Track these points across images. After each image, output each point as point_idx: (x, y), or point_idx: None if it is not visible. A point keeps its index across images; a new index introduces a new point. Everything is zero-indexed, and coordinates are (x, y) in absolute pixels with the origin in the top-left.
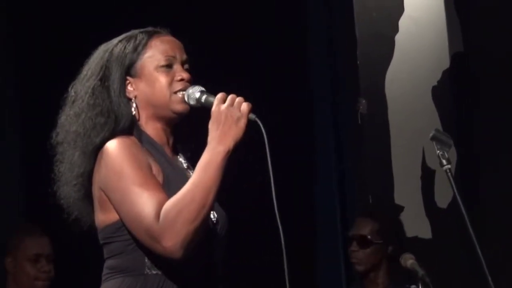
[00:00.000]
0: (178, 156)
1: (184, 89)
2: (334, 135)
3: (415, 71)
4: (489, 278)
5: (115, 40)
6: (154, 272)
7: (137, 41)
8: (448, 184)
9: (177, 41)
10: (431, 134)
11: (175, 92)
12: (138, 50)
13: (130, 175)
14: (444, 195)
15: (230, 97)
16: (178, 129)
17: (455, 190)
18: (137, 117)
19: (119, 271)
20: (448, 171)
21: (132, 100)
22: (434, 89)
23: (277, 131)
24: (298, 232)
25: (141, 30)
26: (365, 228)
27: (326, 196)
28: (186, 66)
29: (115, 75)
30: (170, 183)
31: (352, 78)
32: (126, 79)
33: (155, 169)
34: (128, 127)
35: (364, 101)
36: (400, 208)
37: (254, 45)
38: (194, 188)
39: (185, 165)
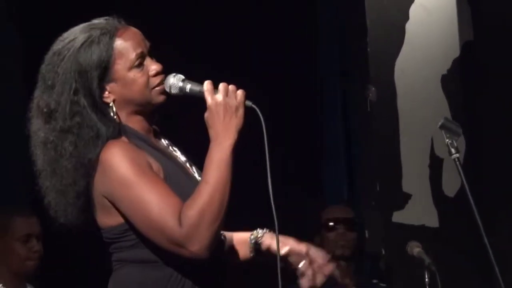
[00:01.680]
0: (162, 140)
1: (161, 82)
2: (343, 122)
3: (425, 59)
4: (496, 268)
5: (74, 43)
6: (166, 265)
7: (102, 45)
8: (456, 172)
9: (137, 32)
10: (440, 123)
11: (154, 87)
12: (106, 55)
13: (136, 183)
14: (452, 183)
15: (222, 86)
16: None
17: (463, 179)
18: (118, 119)
19: (137, 261)
20: (456, 159)
21: (111, 105)
22: (444, 78)
23: (287, 118)
24: (307, 221)
25: (100, 29)
26: (349, 212)
27: (334, 184)
28: (150, 53)
29: (92, 85)
30: (170, 174)
31: (362, 65)
32: (102, 86)
33: (155, 165)
34: (117, 131)
35: (373, 88)
36: (408, 196)
37: (264, 33)
38: (212, 188)
39: (165, 144)
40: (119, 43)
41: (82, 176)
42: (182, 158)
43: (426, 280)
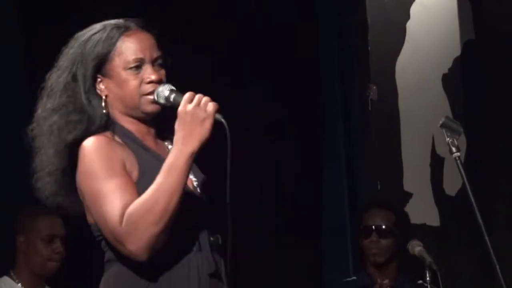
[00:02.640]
0: (166, 143)
1: (152, 91)
2: (343, 121)
3: (426, 58)
4: (497, 266)
5: (90, 32)
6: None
7: (108, 39)
8: (457, 171)
9: (147, 38)
10: (441, 121)
11: (145, 95)
12: (108, 49)
13: (99, 176)
14: (453, 182)
15: (197, 97)
16: (160, 118)
17: (464, 178)
18: (110, 114)
19: (115, 260)
20: (457, 158)
21: (103, 98)
22: (445, 77)
23: (286, 117)
24: (306, 219)
25: (114, 23)
26: (385, 219)
27: (335, 183)
28: (159, 62)
29: (86, 73)
30: (146, 173)
31: (363, 64)
32: (97, 77)
33: (130, 162)
34: (103, 125)
35: (374, 87)
36: (409, 195)
37: (263, 31)
38: (157, 191)
39: (169, 148)
40: (123, 42)
41: (62, 159)
42: None
43: (427, 279)
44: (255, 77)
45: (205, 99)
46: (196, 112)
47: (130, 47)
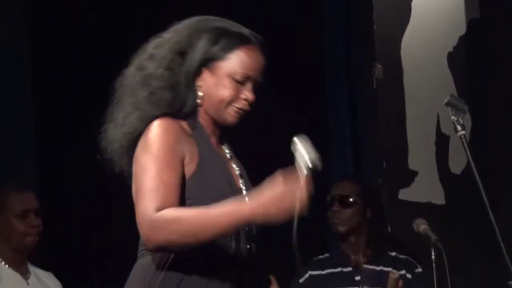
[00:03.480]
0: (223, 147)
1: (242, 108)
2: (349, 99)
3: (431, 36)
4: (502, 244)
5: (212, 23)
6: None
7: (229, 41)
8: (462, 149)
9: (261, 61)
10: (446, 100)
11: (233, 107)
12: (224, 50)
13: (157, 157)
14: (458, 160)
15: (302, 190)
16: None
17: (469, 156)
18: (199, 105)
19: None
20: (462, 136)
21: (200, 93)
22: (450, 55)
23: (292, 96)
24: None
25: (237, 29)
26: (347, 189)
27: (340, 162)
28: (256, 86)
29: (195, 60)
30: (204, 168)
31: (368, 43)
32: (202, 69)
33: (191, 155)
34: (188, 114)
35: (379, 66)
36: (414, 174)
37: (268, 11)
38: (202, 219)
39: (228, 155)
40: (241, 52)
41: (143, 125)
42: (237, 170)
43: (433, 257)
44: None
45: (304, 200)
46: (294, 202)
47: (244, 60)
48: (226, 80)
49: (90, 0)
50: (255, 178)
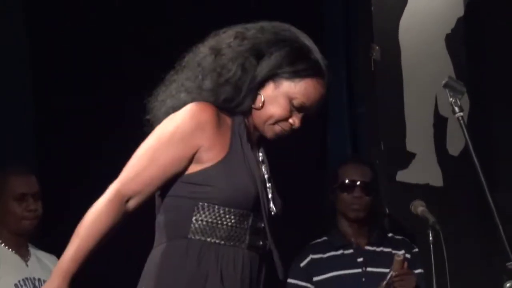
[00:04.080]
0: (261, 153)
1: (285, 130)
2: (347, 81)
3: (429, 18)
4: (500, 226)
5: (298, 40)
6: (197, 237)
7: (304, 68)
8: (460, 131)
9: (322, 96)
10: (444, 81)
11: (277, 126)
12: (297, 75)
13: (159, 139)
14: (456, 142)
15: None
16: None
17: (467, 138)
18: (255, 108)
19: (163, 235)
20: (460, 118)
21: (262, 99)
22: (448, 37)
23: None
24: (310, 178)
25: (317, 56)
26: (368, 175)
27: (338, 143)
28: (307, 116)
29: (267, 70)
30: (228, 163)
31: (366, 24)
32: (269, 78)
33: (215, 144)
34: (240, 113)
35: (377, 47)
36: (412, 155)
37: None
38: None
39: (260, 159)
40: (309, 83)
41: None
42: (266, 174)
43: (430, 239)
44: None
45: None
46: None
47: (309, 91)
48: (285, 100)
49: (90, 0)
50: None
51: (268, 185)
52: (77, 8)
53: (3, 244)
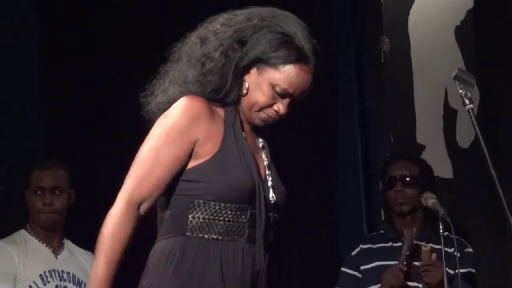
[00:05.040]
0: (261, 140)
1: (270, 117)
2: (356, 73)
3: (439, 10)
4: (510, 219)
5: (284, 26)
6: (195, 235)
7: (287, 54)
8: (470, 123)
9: (308, 82)
10: (454, 73)
11: (263, 113)
12: (279, 61)
13: (159, 138)
14: (466, 134)
15: None
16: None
17: (477, 130)
18: (242, 95)
19: (164, 232)
20: (470, 110)
21: (246, 85)
22: (458, 29)
23: None
24: (319, 171)
25: (302, 42)
26: (408, 169)
27: (348, 136)
28: (294, 102)
29: (251, 56)
30: (223, 154)
31: (375, 16)
32: (253, 64)
33: (210, 137)
34: (230, 103)
35: (387, 39)
36: (422, 148)
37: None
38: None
39: (260, 145)
40: (292, 69)
41: (171, 102)
42: (265, 160)
43: (441, 231)
44: None
45: None
46: None
47: (291, 78)
48: (267, 87)
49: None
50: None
51: (267, 172)
52: (88, 5)
53: (34, 236)
